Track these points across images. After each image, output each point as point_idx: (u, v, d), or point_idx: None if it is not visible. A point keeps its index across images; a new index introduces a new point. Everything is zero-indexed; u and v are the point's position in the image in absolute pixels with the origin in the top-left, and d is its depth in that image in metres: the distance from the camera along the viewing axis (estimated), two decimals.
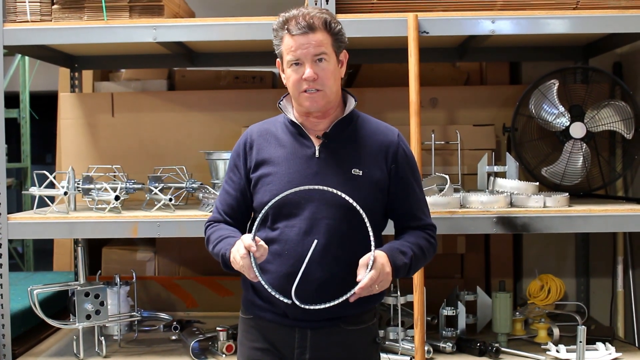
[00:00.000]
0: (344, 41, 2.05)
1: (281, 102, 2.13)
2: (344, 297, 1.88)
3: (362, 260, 1.90)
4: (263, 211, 1.91)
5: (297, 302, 1.89)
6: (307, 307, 1.89)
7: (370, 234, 1.86)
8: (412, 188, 2.10)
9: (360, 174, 2.02)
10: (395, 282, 3.16)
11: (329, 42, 1.99)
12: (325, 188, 1.88)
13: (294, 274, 1.92)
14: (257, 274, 1.87)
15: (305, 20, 1.96)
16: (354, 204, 1.87)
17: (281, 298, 1.89)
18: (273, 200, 1.90)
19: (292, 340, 2.03)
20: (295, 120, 2.07)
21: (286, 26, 1.98)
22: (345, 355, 2.06)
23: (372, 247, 1.87)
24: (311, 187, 1.90)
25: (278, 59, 2.06)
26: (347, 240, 1.99)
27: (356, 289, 1.87)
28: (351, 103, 2.09)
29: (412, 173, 2.11)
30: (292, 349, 2.03)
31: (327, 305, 1.89)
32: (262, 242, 1.90)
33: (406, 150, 2.11)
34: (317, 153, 2.04)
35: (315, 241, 1.92)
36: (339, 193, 1.88)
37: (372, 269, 1.86)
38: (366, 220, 1.86)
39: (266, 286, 1.89)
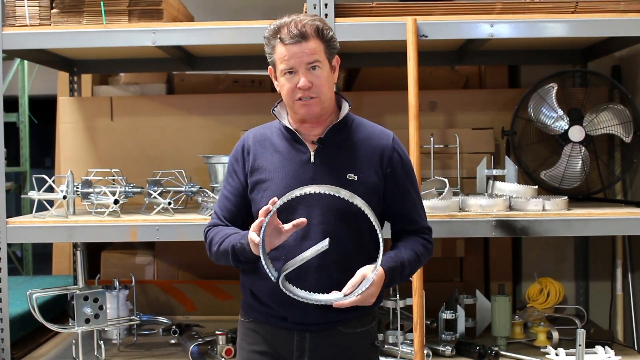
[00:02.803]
0: (336, 47, 2.05)
1: (275, 109, 2.13)
2: (322, 300, 1.89)
3: (361, 273, 1.88)
4: (280, 201, 1.86)
5: (280, 283, 1.88)
6: (286, 290, 1.88)
7: (381, 252, 1.84)
8: (408, 191, 2.10)
9: (356, 178, 2.02)
10: (394, 286, 3.16)
11: (321, 50, 1.99)
12: (338, 190, 1.85)
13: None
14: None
15: (298, 29, 1.95)
16: (363, 206, 1.83)
17: (270, 271, 1.87)
18: (297, 192, 1.85)
19: (291, 344, 2.03)
20: (290, 127, 2.07)
21: (278, 35, 1.97)
22: (344, 359, 2.06)
23: (378, 265, 1.85)
24: (325, 187, 1.85)
25: (270, 67, 2.06)
26: (343, 245, 1.99)
27: (334, 303, 1.87)
28: (345, 107, 2.09)
29: (407, 176, 2.11)
30: (291, 352, 2.03)
31: (306, 295, 1.88)
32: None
33: (401, 154, 2.11)
34: (312, 158, 2.03)
35: (327, 240, 1.88)
36: (354, 199, 1.84)
37: (360, 293, 1.85)
38: (375, 223, 1.84)
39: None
